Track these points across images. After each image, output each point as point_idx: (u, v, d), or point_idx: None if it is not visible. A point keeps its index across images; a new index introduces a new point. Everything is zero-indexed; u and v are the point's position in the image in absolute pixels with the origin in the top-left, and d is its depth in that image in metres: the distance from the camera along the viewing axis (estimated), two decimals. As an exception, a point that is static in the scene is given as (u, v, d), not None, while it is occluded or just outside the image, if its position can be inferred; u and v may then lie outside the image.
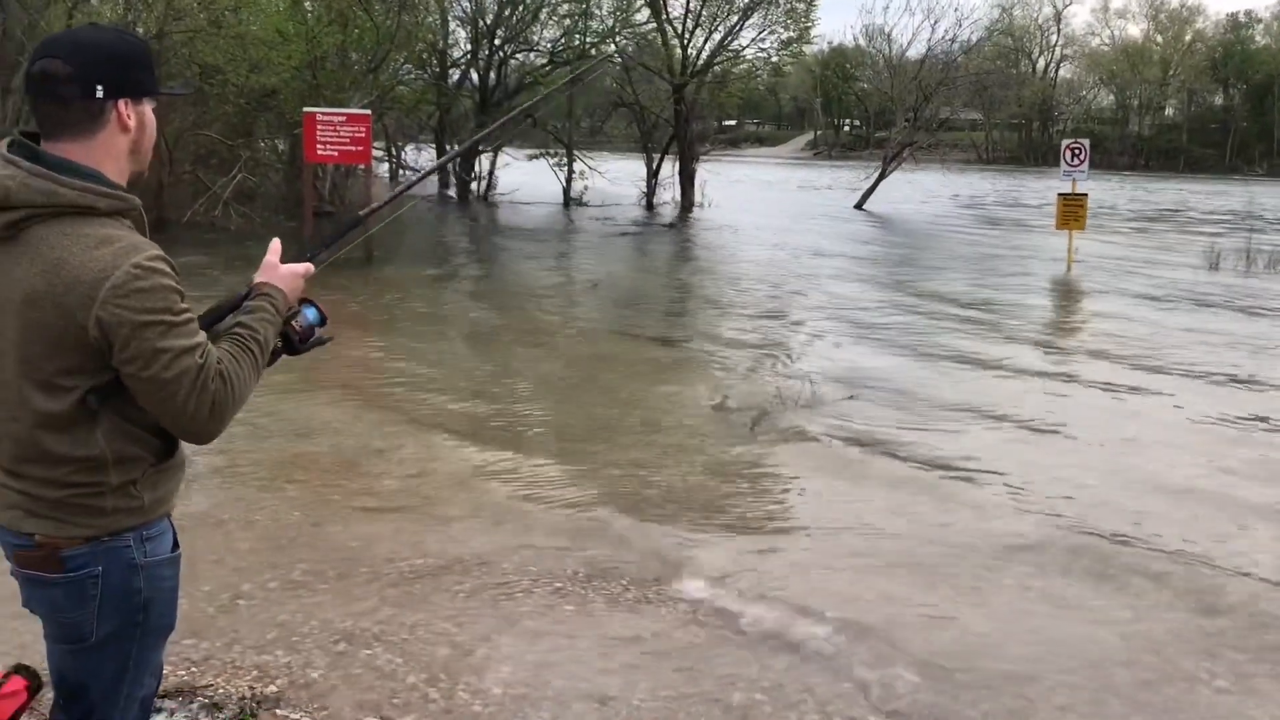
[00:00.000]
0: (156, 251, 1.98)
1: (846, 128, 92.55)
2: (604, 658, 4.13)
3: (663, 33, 28.94)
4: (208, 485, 5.86)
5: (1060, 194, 17.92)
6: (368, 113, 17.47)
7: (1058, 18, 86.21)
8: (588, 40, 29.29)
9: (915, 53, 34.77)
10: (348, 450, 6.85)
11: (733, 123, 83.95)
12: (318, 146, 16.23)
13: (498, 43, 29.40)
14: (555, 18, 29.68)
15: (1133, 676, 4.10)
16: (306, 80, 19.74)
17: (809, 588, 4.87)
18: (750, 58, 30.96)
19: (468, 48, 30.53)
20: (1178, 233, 26.90)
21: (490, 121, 29.10)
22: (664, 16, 28.46)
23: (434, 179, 32.65)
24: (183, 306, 1.98)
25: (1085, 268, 17.59)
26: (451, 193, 30.79)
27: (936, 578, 5.04)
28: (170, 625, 2.23)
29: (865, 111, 77.33)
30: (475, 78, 30.34)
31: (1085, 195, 17.75)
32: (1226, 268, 18.11)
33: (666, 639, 4.31)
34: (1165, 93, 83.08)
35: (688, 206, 29.08)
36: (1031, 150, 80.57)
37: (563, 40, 29.95)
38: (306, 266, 2.33)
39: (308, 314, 2.34)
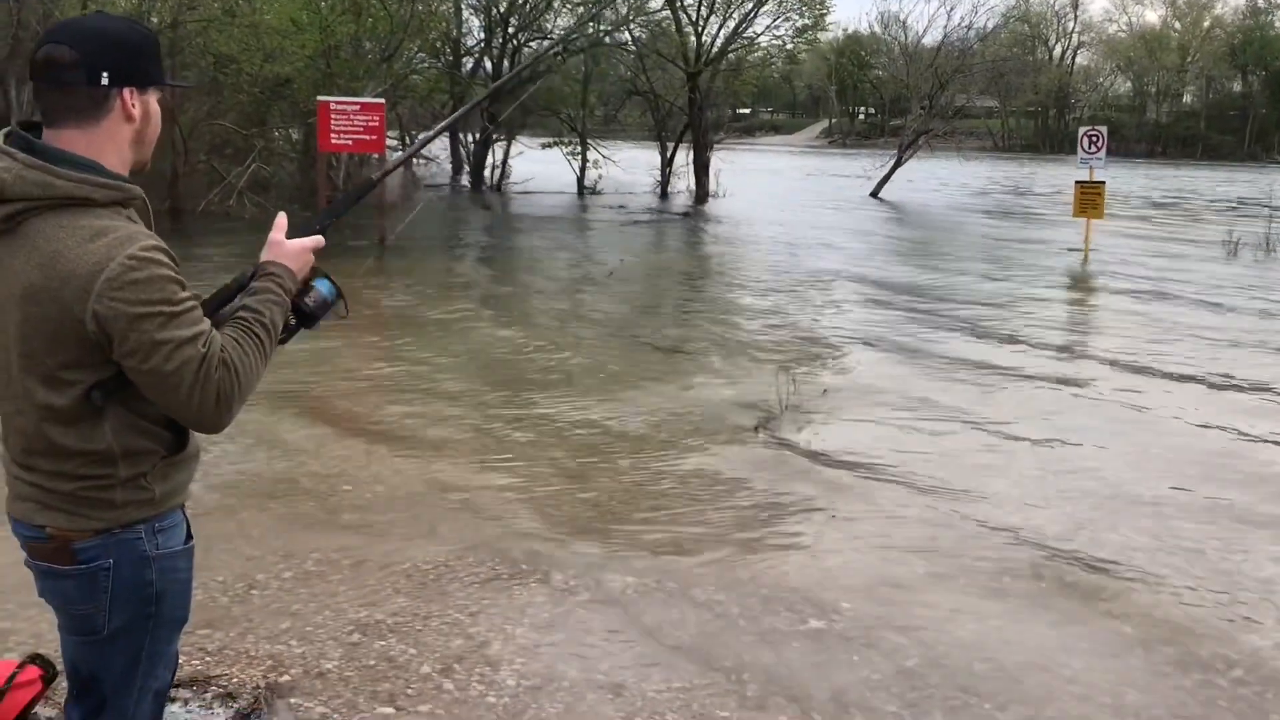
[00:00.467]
0: (153, 241, 1.94)
1: (861, 116, 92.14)
2: (618, 648, 4.12)
3: (677, 20, 28.82)
4: (221, 474, 5.86)
5: (1078, 181, 17.79)
6: (382, 101, 17.44)
7: (1075, 4, 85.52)
8: (601, 28, 29.19)
9: (931, 40, 34.70)
10: (362, 438, 6.85)
11: (747, 111, 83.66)
12: (332, 135, 16.21)
13: (511, 31, 29.35)
14: (569, 5, 29.59)
15: (1148, 666, 4.08)
16: (320, 69, 19.73)
17: (822, 580, 4.85)
18: (765, 45, 30.85)
19: (481, 36, 30.54)
20: (1195, 220, 26.70)
21: (504, 108, 29.15)
22: (678, 4, 28.33)
23: (446, 167, 32.69)
24: (182, 295, 1.94)
25: (1102, 256, 17.47)
26: (465, 181, 30.78)
27: (951, 573, 5.01)
28: (184, 617, 2.22)
29: (880, 99, 76.98)
30: (489, 66, 30.30)
31: (1103, 183, 17.60)
32: (1245, 256, 17.96)
33: (680, 629, 4.30)
34: (1183, 79, 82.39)
35: (702, 195, 28.99)
36: (1048, 138, 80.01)
37: (576, 28, 29.85)
38: (316, 240, 2.27)
39: (321, 288, 2.27)
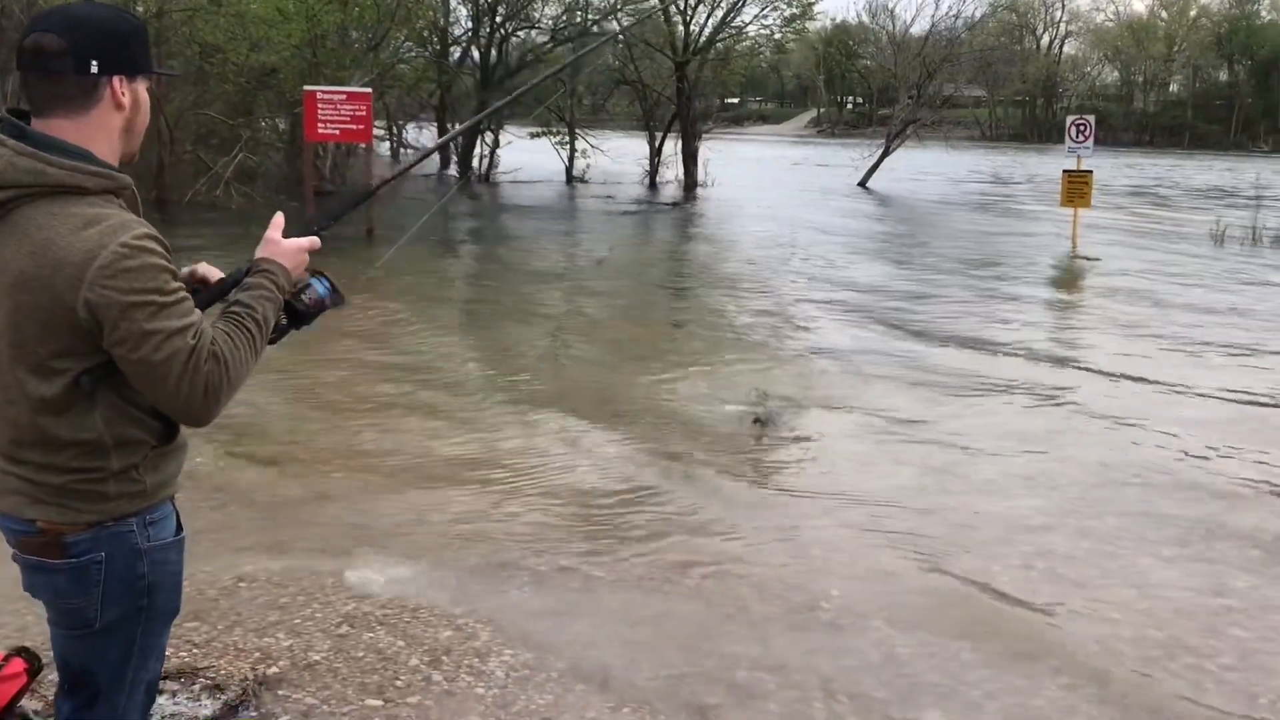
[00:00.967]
0: (146, 230, 1.93)
1: (850, 105, 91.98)
2: (607, 637, 4.12)
3: (665, 9, 28.75)
4: (208, 465, 5.83)
5: (1065, 170, 17.82)
6: (368, 91, 17.38)
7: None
8: (589, 17, 29.13)
9: (919, 29, 34.69)
10: (348, 429, 6.84)
11: (735, 100, 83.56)
12: (318, 125, 16.15)
13: (499, 20, 29.24)
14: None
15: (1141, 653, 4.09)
16: (307, 58, 19.63)
17: (812, 568, 4.85)
18: (753, 34, 30.79)
19: (469, 25, 30.39)
20: (1182, 209, 26.77)
21: (492, 100, 29.02)
22: (666, -7, 28.29)
23: (435, 157, 32.55)
24: (174, 286, 1.93)
25: (1090, 244, 17.50)
26: (453, 171, 30.69)
27: (942, 559, 5.02)
28: (175, 609, 2.21)
29: (868, 89, 76.72)
30: (476, 55, 30.19)
31: (1090, 172, 17.64)
32: (1232, 245, 18.01)
33: (669, 618, 4.30)
34: (1170, 69, 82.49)
35: (691, 185, 28.96)
36: (1036, 127, 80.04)
37: (564, 17, 29.79)
38: (311, 240, 2.26)
39: (318, 287, 2.27)
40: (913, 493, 5.88)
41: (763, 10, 29.54)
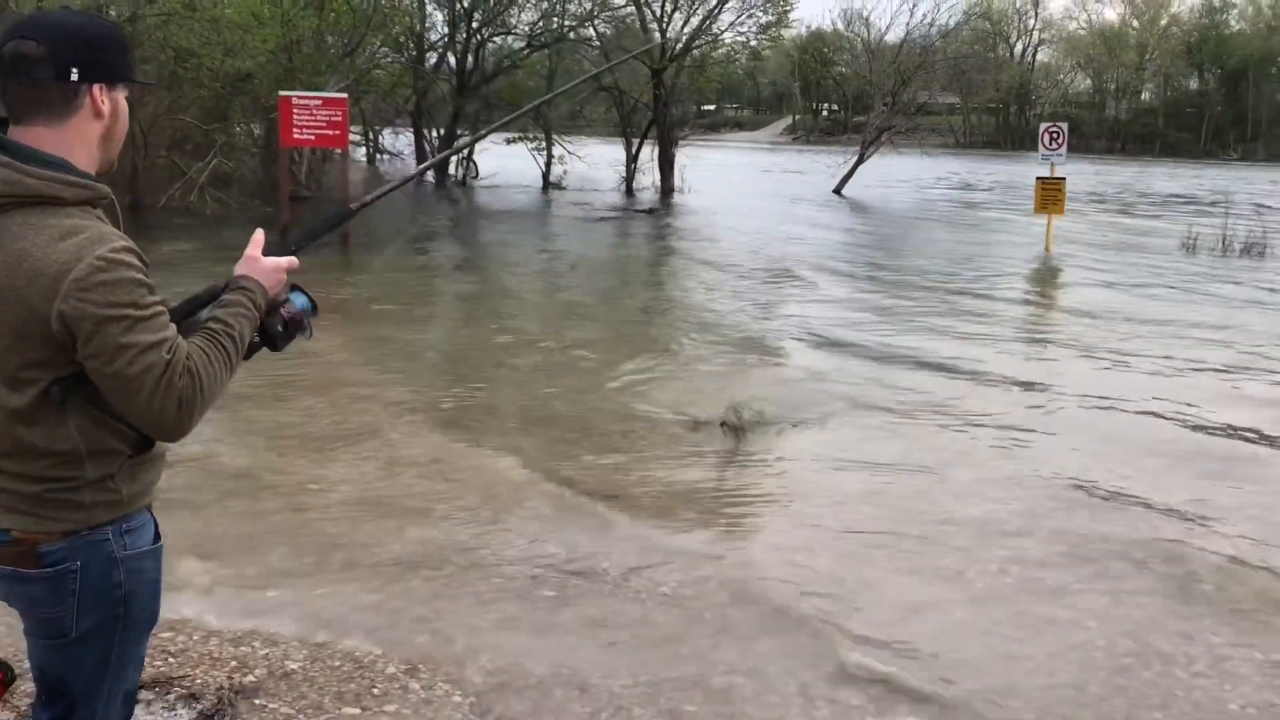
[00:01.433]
0: (124, 243, 1.92)
1: (825, 112, 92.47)
2: (584, 644, 4.12)
3: (641, 16, 28.85)
4: (185, 474, 5.79)
5: (1039, 177, 17.96)
6: (344, 96, 17.33)
7: (1035, 1, 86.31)
8: (565, 23, 29.15)
9: (894, 37, 34.84)
10: (326, 439, 6.81)
11: (711, 107, 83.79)
12: (294, 130, 16.10)
13: (475, 25, 29.23)
14: (533, 1, 29.53)
15: (1111, 662, 4.12)
16: (282, 64, 19.57)
17: (789, 573, 4.87)
18: (729, 42, 30.96)
19: (445, 31, 30.37)
20: (1154, 217, 27.02)
21: (467, 106, 29.01)
22: (642, 0, 28.35)
23: (411, 163, 32.48)
24: (150, 300, 1.91)
25: (1063, 251, 17.65)
26: (429, 177, 30.63)
27: (918, 563, 5.05)
28: (153, 617, 2.19)
29: (843, 96, 77.31)
30: (453, 61, 30.18)
31: (1063, 179, 17.79)
32: (1203, 252, 18.19)
33: (646, 624, 4.31)
34: (1142, 77, 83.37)
35: (667, 191, 29.03)
36: (1009, 134, 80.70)
37: (540, 24, 29.81)
38: (290, 260, 2.24)
39: (297, 301, 2.24)
40: (887, 497, 5.91)
41: (739, 18, 29.74)
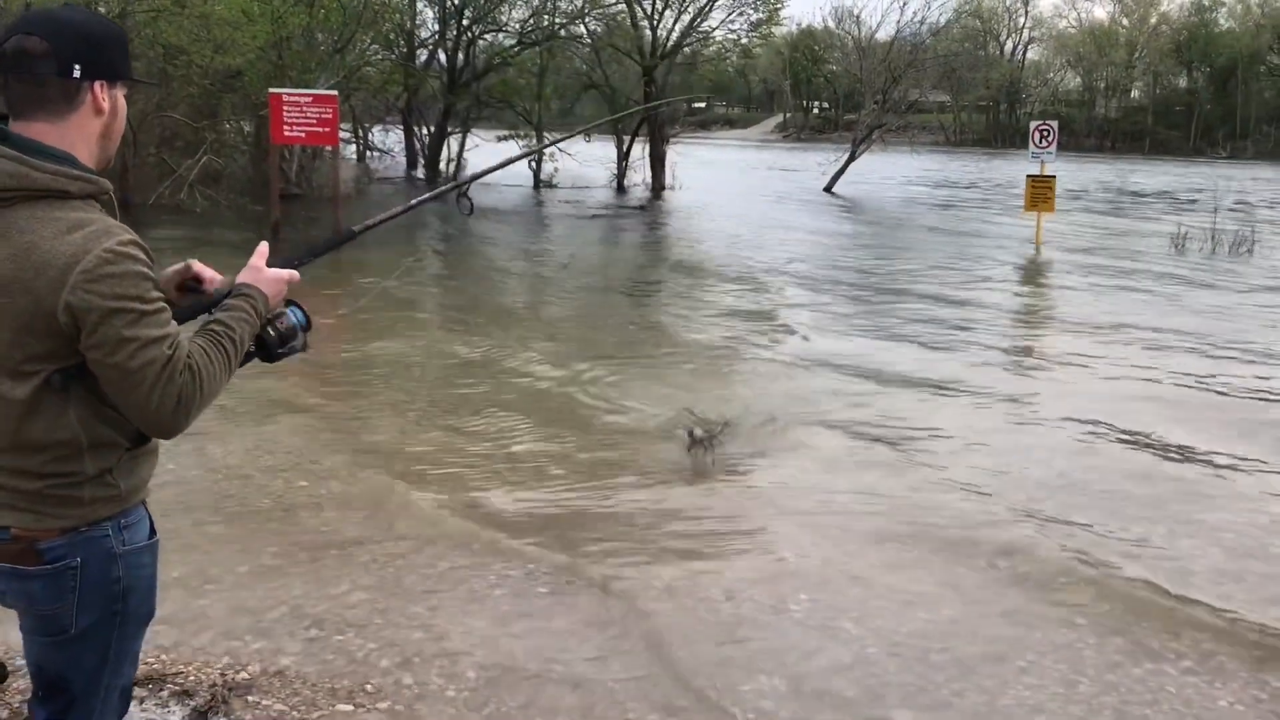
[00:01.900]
0: (130, 236, 1.94)
1: (816, 110, 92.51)
2: (577, 640, 4.13)
3: (632, 13, 28.82)
4: (176, 469, 5.78)
5: (1029, 175, 18.01)
6: (334, 93, 17.30)
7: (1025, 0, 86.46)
8: (556, 21, 29.09)
9: (884, 34, 34.91)
10: (318, 434, 6.80)
11: (702, 105, 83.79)
12: (284, 128, 16.06)
13: (466, 23, 29.16)
14: (524, -1, 29.46)
15: (1101, 659, 4.15)
16: (272, 61, 19.52)
17: (781, 571, 4.88)
18: (720, 39, 30.94)
19: (435, 28, 30.26)
20: (1144, 215, 27.10)
21: (458, 103, 28.94)
22: (634, -2, 28.36)
23: (402, 161, 32.42)
24: (155, 295, 1.94)
25: (1054, 250, 17.69)
26: (420, 174, 30.58)
27: (907, 563, 5.07)
28: (150, 613, 2.21)
29: (834, 94, 77.41)
30: (443, 58, 30.09)
31: (1054, 177, 17.85)
32: (1192, 251, 18.25)
33: (639, 621, 4.31)
34: (1131, 75, 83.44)
35: (658, 189, 29.04)
36: (999, 132, 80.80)
37: (531, 20, 29.74)
38: (291, 273, 2.27)
39: (291, 316, 2.29)
40: (876, 497, 5.93)
41: (729, 15, 29.74)
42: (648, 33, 28.92)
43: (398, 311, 11.37)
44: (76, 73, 1.95)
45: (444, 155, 29.98)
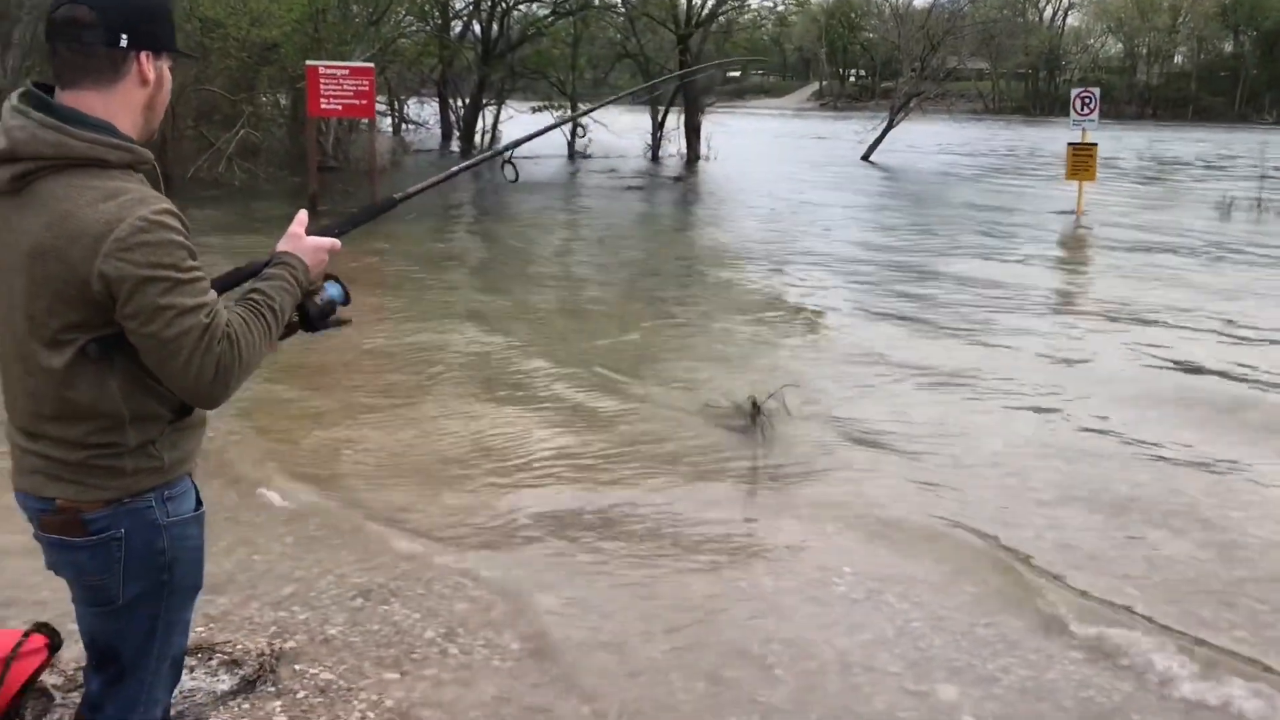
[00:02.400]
0: (166, 205, 1.93)
1: (852, 78, 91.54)
2: (621, 609, 4.13)
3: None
4: (220, 441, 5.83)
5: (1070, 143, 17.75)
6: (371, 66, 17.30)
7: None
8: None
9: (922, 1, 34.43)
10: (361, 406, 6.83)
11: (737, 74, 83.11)
12: (321, 100, 16.10)
13: (500, -7, 29.06)
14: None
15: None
16: (308, 33, 19.53)
17: (824, 544, 4.85)
18: (755, 7, 30.68)
19: (470, -1, 30.17)
20: (1188, 181, 26.66)
21: (492, 74, 28.87)
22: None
23: (437, 133, 32.42)
24: (191, 264, 1.93)
25: (1095, 218, 17.43)
26: (455, 147, 30.59)
27: (956, 534, 5.03)
28: (197, 584, 2.22)
29: (871, 61, 76.53)
30: (478, 29, 30.02)
31: (1095, 145, 17.58)
32: (1239, 217, 17.93)
33: (684, 589, 4.31)
34: (1174, 40, 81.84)
35: (693, 159, 28.88)
36: (1038, 100, 79.62)
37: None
38: (332, 241, 2.27)
39: (330, 290, 2.29)
40: (923, 469, 5.88)
41: (765, -18, 29.41)
42: (682, 1, 28.68)
43: (429, 282, 11.39)
44: (123, 42, 1.96)
45: (479, 127, 29.96)
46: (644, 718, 3.41)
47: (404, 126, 30.90)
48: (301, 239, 2.22)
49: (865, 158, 31.29)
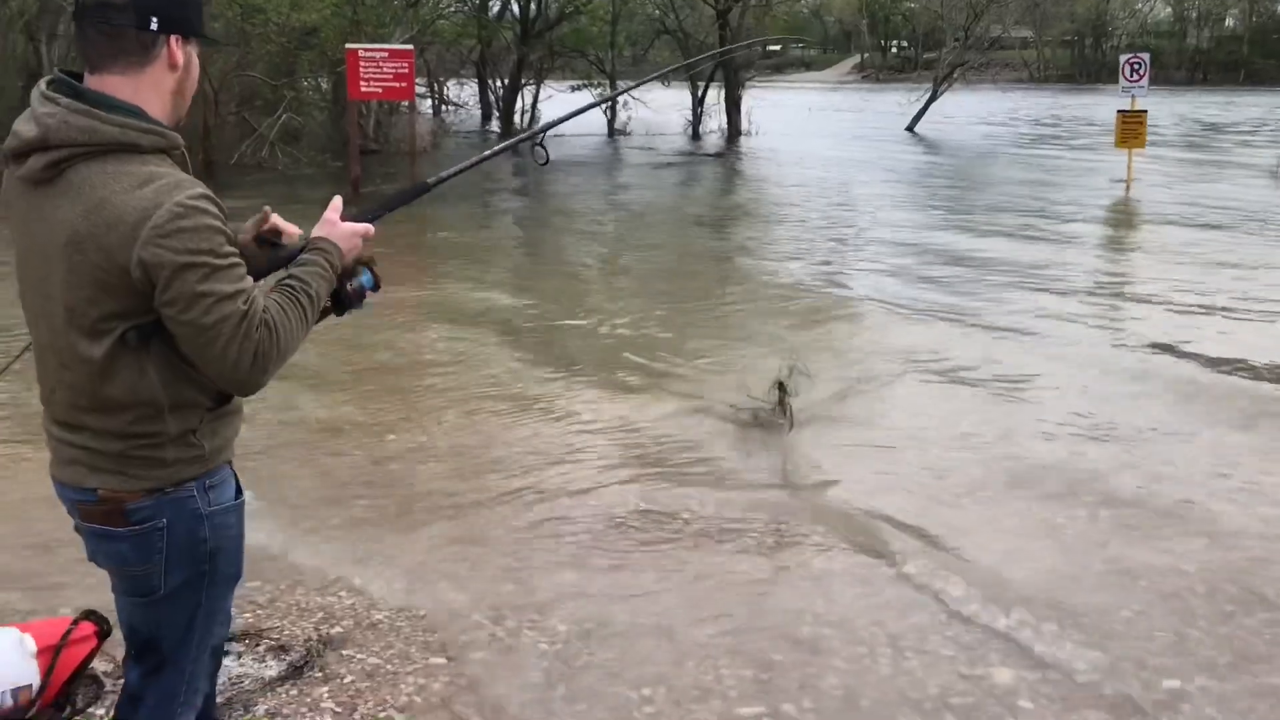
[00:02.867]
0: (201, 190, 1.91)
1: (894, 50, 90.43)
2: (668, 592, 4.09)
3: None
4: (264, 426, 5.84)
5: (1120, 111, 17.41)
6: (410, 48, 17.29)
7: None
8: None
9: (966, -31, 33.81)
10: (403, 389, 6.84)
11: (777, 48, 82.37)
12: (361, 84, 16.12)
13: (538, -29, 28.95)
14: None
15: (1212, 608, 3.99)
16: (347, 16, 19.54)
17: (873, 523, 4.78)
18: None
19: (508, -22, 30.10)
20: (1239, 146, 26.09)
21: (531, 53, 28.80)
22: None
23: (476, 114, 32.43)
24: (228, 249, 1.92)
25: (1146, 186, 17.10)
26: (494, 127, 30.57)
27: (1005, 511, 4.94)
28: (238, 573, 2.21)
29: (914, 32, 75.53)
30: (516, 9, 29.93)
31: (1145, 112, 17.22)
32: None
33: (731, 573, 4.26)
34: (1226, 3, 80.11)
35: (734, 134, 28.67)
36: (1085, 67, 78.21)
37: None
38: (366, 227, 2.26)
39: (363, 279, 2.28)
40: (972, 445, 5.78)
41: (805, -46, 29.02)
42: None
43: (470, 262, 11.40)
44: (154, 25, 1.94)
45: (518, 107, 29.91)
46: (692, 703, 3.37)
47: (444, 108, 30.89)
48: (336, 225, 2.22)
49: (909, 129, 30.92)
